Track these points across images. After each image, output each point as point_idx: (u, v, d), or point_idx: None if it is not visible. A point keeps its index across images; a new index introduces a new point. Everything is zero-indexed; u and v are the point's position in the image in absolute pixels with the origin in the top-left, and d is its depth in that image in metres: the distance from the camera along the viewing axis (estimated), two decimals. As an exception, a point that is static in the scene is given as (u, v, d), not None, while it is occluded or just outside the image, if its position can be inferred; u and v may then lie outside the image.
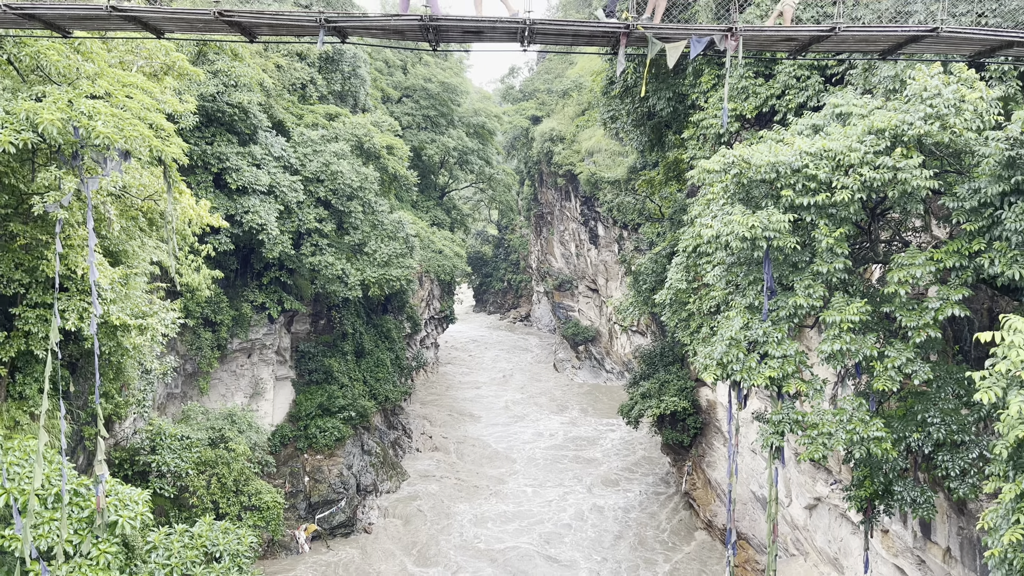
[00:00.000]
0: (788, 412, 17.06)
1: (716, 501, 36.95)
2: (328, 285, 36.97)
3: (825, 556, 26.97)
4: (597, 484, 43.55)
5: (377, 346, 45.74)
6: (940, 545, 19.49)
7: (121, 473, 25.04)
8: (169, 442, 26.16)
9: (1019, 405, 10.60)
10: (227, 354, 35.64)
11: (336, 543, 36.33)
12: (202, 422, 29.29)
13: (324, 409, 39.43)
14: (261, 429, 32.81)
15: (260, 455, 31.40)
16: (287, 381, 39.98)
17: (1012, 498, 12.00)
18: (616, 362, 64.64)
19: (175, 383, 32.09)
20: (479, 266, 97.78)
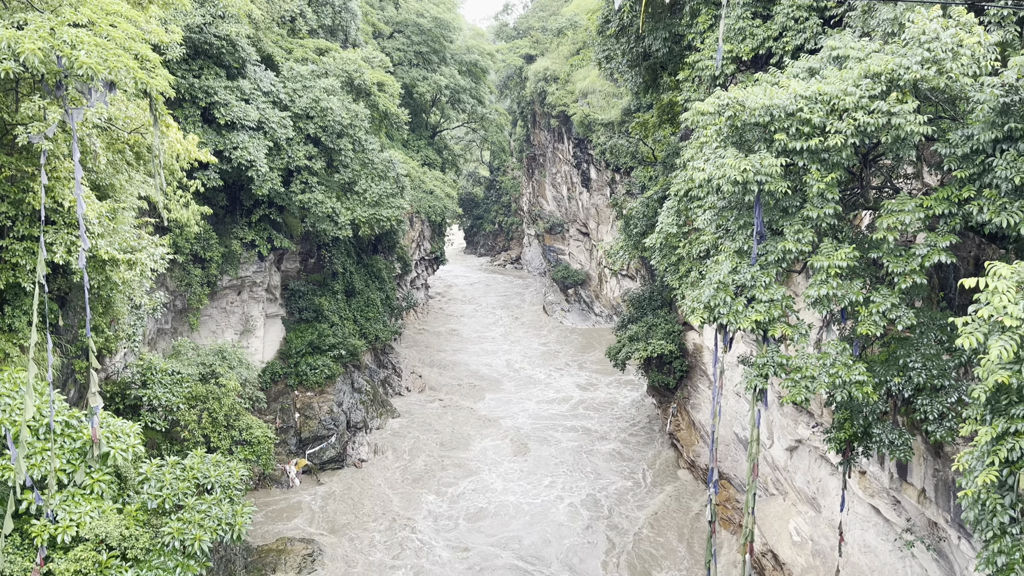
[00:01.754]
0: (773, 356, 17.29)
1: (699, 442, 37.67)
2: (318, 224, 36.80)
3: (803, 496, 27.66)
4: (581, 426, 44.24)
5: (367, 286, 45.80)
6: (915, 486, 20.01)
7: (112, 407, 25.25)
8: (160, 377, 26.33)
9: (999, 350, 10.78)
10: (217, 291, 35.63)
11: (326, 477, 36.96)
12: (192, 358, 29.45)
13: (314, 347, 39.66)
14: (251, 366, 33.03)
15: (251, 391, 31.68)
16: (277, 319, 40.10)
17: (988, 441, 12.29)
18: (605, 305, 65.01)
19: (165, 319, 32.15)
20: (470, 208, 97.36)
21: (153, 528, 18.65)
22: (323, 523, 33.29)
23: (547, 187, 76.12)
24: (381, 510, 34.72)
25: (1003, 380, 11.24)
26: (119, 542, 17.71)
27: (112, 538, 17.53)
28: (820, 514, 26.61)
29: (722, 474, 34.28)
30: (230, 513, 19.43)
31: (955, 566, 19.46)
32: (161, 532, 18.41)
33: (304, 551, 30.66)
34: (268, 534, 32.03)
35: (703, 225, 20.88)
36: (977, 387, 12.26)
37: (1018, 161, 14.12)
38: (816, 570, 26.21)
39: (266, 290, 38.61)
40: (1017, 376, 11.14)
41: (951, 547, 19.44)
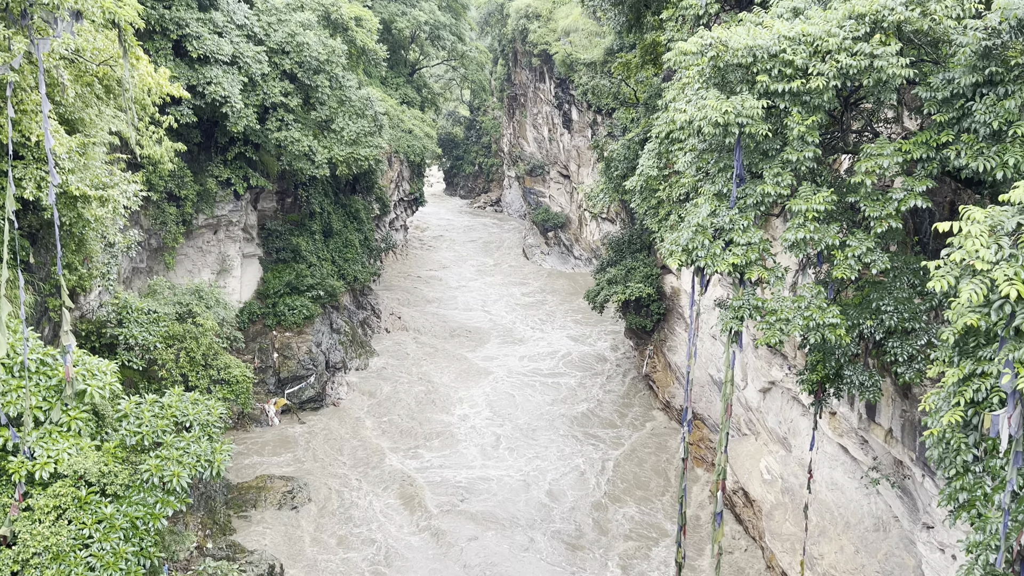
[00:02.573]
0: (749, 298, 17.46)
1: (675, 383, 38.26)
2: (295, 162, 36.26)
3: (775, 436, 28.31)
4: (561, 367, 44.71)
5: (345, 226, 45.44)
6: (883, 426, 20.52)
7: (88, 345, 25.10)
8: (136, 316, 26.14)
9: (969, 293, 10.94)
10: (193, 230, 35.21)
11: (306, 417, 37.22)
12: (169, 297, 29.22)
13: (292, 287, 39.50)
14: (229, 305, 32.85)
15: (228, 331, 31.59)
16: (254, 259, 39.79)
17: (954, 382, 12.56)
18: (585, 249, 65.08)
19: (140, 258, 31.78)
20: (450, 148, 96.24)
21: (132, 465, 18.75)
22: (303, 461, 33.65)
23: (528, 128, 75.33)
24: (360, 449, 35.11)
25: (972, 323, 11.44)
26: (98, 478, 17.80)
27: (91, 474, 17.61)
28: (790, 453, 27.28)
29: (696, 414, 34.92)
30: (209, 450, 19.56)
31: (918, 503, 20.11)
32: (140, 469, 18.51)
33: (284, 488, 31.05)
34: (248, 472, 32.36)
35: (683, 168, 20.83)
36: (946, 330, 12.49)
37: (997, 106, 14.13)
38: (785, 507, 27.00)
39: (243, 229, 38.20)
40: (986, 319, 11.33)
41: (915, 485, 20.05)
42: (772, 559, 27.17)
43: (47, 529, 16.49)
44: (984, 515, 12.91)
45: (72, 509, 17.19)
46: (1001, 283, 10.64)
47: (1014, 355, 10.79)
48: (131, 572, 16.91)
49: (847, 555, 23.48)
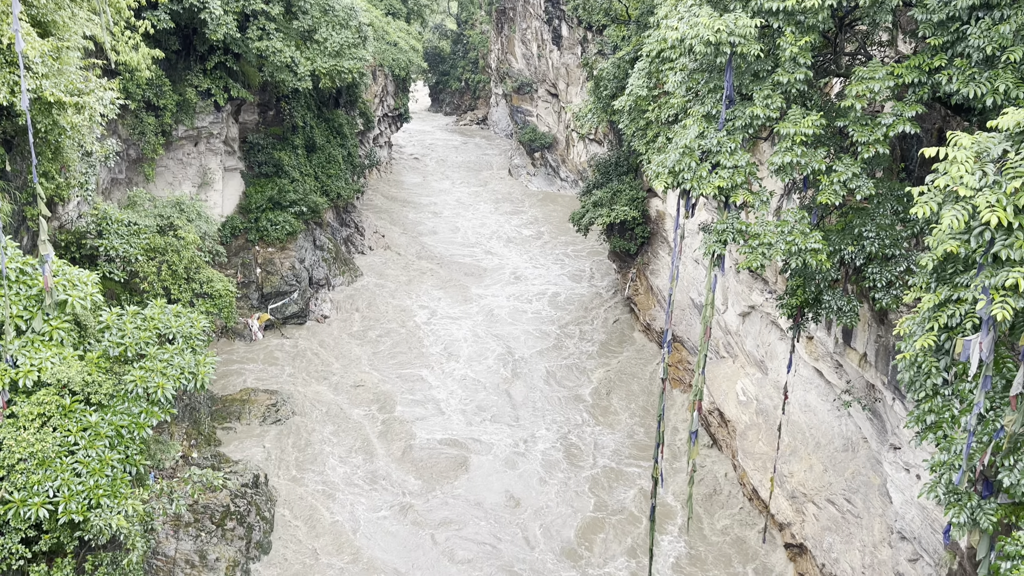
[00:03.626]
0: (733, 222, 17.50)
1: (656, 306, 38.65)
2: (276, 73, 35.36)
3: (752, 359, 28.83)
4: (543, 287, 44.93)
5: (329, 141, 44.70)
6: (858, 351, 20.94)
7: (68, 256, 24.89)
8: (116, 227, 25.85)
9: (951, 219, 11.02)
10: (172, 141, 34.51)
11: (289, 332, 37.41)
12: (149, 209, 28.86)
13: (275, 203, 39.08)
14: (211, 219, 32.53)
15: (210, 244, 31.36)
16: (236, 172, 39.20)
17: (930, 307, 12.77)
18: (571, 170, 64.57)
19: (119, 168, 31.22)
20: (436, 63, 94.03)
21: (116, 376, 18.87)
22: (286, 376, 33.98)
23: (516, 43, 73.58)
24: (343, 365, 35.47)
25: (951, 249, 11.56)
26: (82, 388, 17.92)
27: (75, 383, 17.72)
28: (767, 376, 27.85)
29: (676, 337, 35.42)
30: (192, 363, 19.68)
31: (887, 425, 20.71)
32: (124, 380, 18.64)
33: (268, 401, 31.44)
34: (232, 385, 32.68)
35: (673, 88, 20.50)
36: (926, 256, 12.62)
37: (992, 30, 13.94)
38: (759, 427, 27.73)
39: (224, 142, 37.50)
40: (965, 246, 11.45)
41: (885, 407, 20.60)
42: (744, 476, 28.06)
43: (32, 436, 16.67)
44: (950, 436, 13.33)
45: (57, 417, 17.35)
46: (983, 209, 10.70)
47: (990, 281, 10.95)
48: (117, 479, 17.21)
49: (816, 474, 24.28)
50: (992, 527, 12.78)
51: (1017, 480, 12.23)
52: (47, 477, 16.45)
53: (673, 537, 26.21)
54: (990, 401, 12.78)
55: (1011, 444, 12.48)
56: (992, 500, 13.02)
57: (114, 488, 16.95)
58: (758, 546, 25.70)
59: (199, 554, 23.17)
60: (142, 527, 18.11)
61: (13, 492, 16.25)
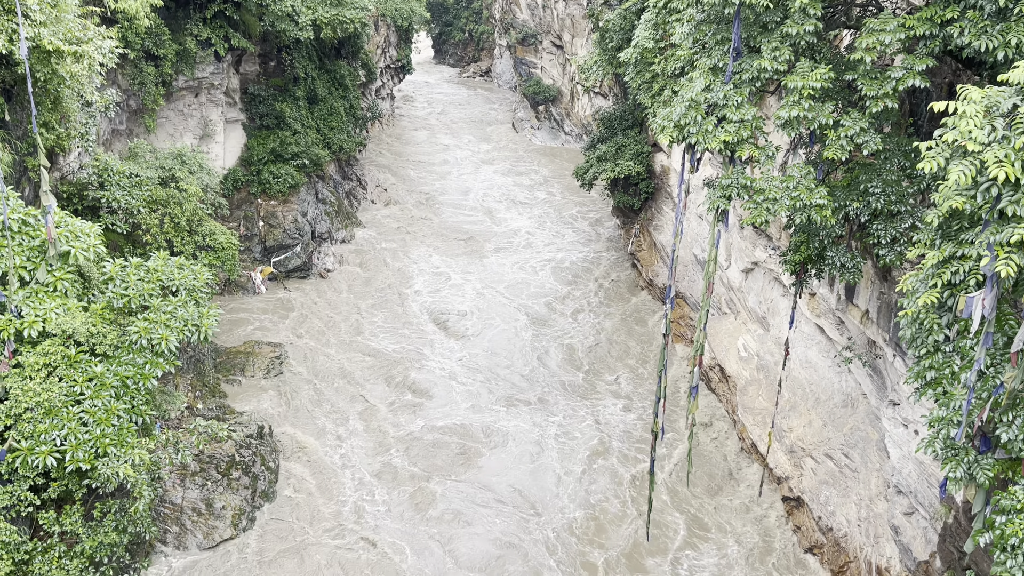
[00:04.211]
0: (738, 177, 17.37)
1: (659, 262, 38.61)
2: (277, 23, 34.82)
3: (754, 315, 28.88)
4: (546, 242, 44.85)
5: (330, 93, 44.22)
6: (860, 307, 20.95)
7: (71, 207, 24.83)
8: (118, 179, 25.73)
9: (958, 174, 10.91)
10: (173, 92, 34.16)
11: (292, 285, 37.49)
12: (151, 161, 28.69)
13: (277, 155, 38.82)
14: (213, 171, 32.36)
15: (213, 197, 31.25)
16: (237, 124, 38.87)
17: (934, 264, 12.73)
18: (575, 124, 63.94)
19: (119, 119, 30.96)
20: (439, 13, 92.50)
21: (120, 327, 18.99)
22: (289, 329, 34.15)
23: (521, -5, 72.24)
24: (346, 318, 35.61)
25: (957, 205, 11.48)
26: (87, 338, 18.05)
27: (79, 334, 17.84)
28: (768, 332, 27.93)
29: (679, 293, 35.44)
30: (196, 315, 19.79)
31: (887, 381, 20.82)
32: (128, 331, 18.76)
33: (271, 354, 31.64)
34: (236, 337, 32.86)
35: (680, 40, 20.20)
36: (931, 212, 12.54)
37: (1007, -19, 13.63)
38: (759, 383, 27.90)
39: (224, 93, 37.11)
40: (971, 202, 11.37)
41: (886, 364, 20.69)
42: (743, 431, 28.32)
43: (38, 386, 16.84)
44: (949, 392, 13.41)
45: (62, 367, 17.51)
46: (991, 165, 10.60)
47: (996, 238, 10.89)
48: (123, 428, 17.43)
49: (815, 429, 24.49)
50: (989, 482, 12.92)
51: (1015, 436, 12.33)
52: (54, 426, 16.66)
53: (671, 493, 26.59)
54: (991, 358, 12.82)
55: (1010, 400, 12.55)
56: (989, 455, 13.14)
57: (120, 437, 17.18)
58: (755, 500, 26.06)
59: (205, 502, 23.56)
60: (149, 476, 18.40)
61: (21, 440, 16.48)
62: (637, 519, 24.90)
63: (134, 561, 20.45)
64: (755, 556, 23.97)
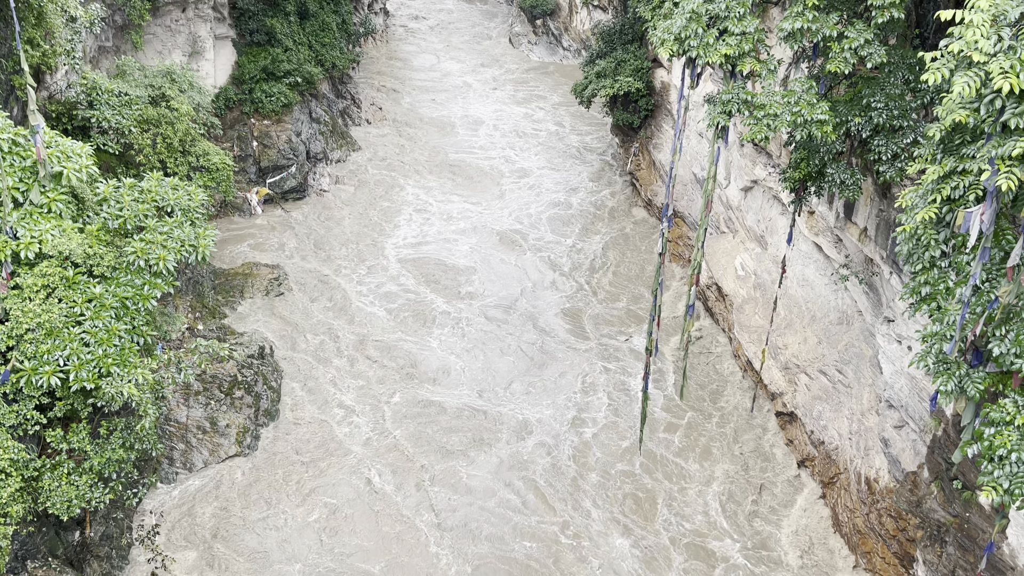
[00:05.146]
0: (738, 92, 17.07)
1: (658, 181, 38.30)
2: (265, -67, 33.53)
3: (752, 234, 28.83)
4: (543, 162, 44.37)
5: (322, 8, 42.94)
6: (858, 225, 20.90)
7: (60, 127, 24.41)
8: (107, 98, 25.22)
9: (962, 86, 10.72)
10: (159, 6, 33.15)
11: (289, 206, 37.27)
12: (140, 79, 28.06)
13: (268, 73, 37.99)
14: (204, 90, 31.68)
15: (205, 116, 30.71)
16: (227, 41, 37.88)
17: (934, 179, 12.65)
18: (574, 39, 62.38)
19: (105, 35, 30.14)
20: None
21: (117, 248, 18.93)
22: (287, 250, 34.11)
23: (518, -98, 69.40)
24: (343, 238, 35.53)
25: (961, 119, 11.32)
26: (84, 260, 18.02)
27: (76, 255, 17.80)
28: (766, 251, 27.94)
29: (677, 212, 35.30)
30: (192, 236, 19.71)
31: (882, 298, 20.95)
32: (125, 252, 18.72)
33: (270, 275, 31.70)
34: (234, 259, 32.86)
35: (681, -52, 19.48)
36: (933, 127, 12.37)
37: None
38: (755, 301, 28.08)
39: (213, 8, 36.03)
40: (974, 115, 11.20)
41: (882, 281, 20.77)
42: (738, 349, 28.65)
43: (38, 307, 16.90)
44: (944, 308, 13.51)
45: (61, 288, 17.54)
46: (996, 76, 10.40)
47: (997, 151, 10.78)
48: (125, 348, 17.59)
49: (810, 346, 24.78)
50: (979, 395, 13.15)
51: (1007, 349, 12.48)
52: (56, 347, 16.80)
53: (664, 407, 27.08)
54: (986, 273, 12.86)
55: (1004, 315, 12.65)
56: (981, 369, 13.34)
57: (123, 357, 17.35)
58: (748, 415, 26.56)
59: (210, 421, 24.01)
60: (153, 395, 18.67)
61: (24, 361, 16.64)
62: (629, 432, 25.44)
63: (142, 477, 20.96)
64: (747, 468, 24.59)
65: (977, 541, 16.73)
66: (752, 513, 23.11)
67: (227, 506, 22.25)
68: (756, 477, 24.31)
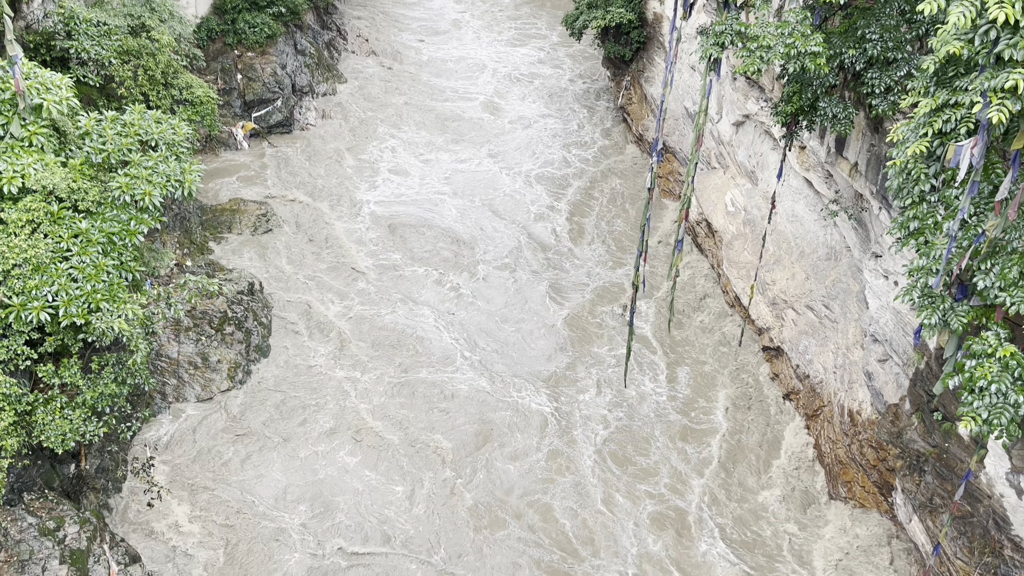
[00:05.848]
0: (731, 23, 16.77)
1: (649, 116, 37.90)
2: None
3: (743, 169, 28.71)
4: (532, 93, 43.74)
5: (306, -66, 41.55)
6: (849, 160, 20.82)
7: (39, 58, 23.79)
8: (85, 27, 24.54)
9: (958, 16, 10.56)
10: (136, -68, 32.00)
11: (275, 141, 36.75)
12: (118, 8, 27.23)
13: (251, 2, 36.98)
14: (185, 20, 30.81)
15: (187, 48, 29.97)
16: (208, -31, 36.78)
17: (926, 112, 12.57)
18: (565, -31, 60.81)
19: (81, -37, 29.16)
20: None
21: (101, 183, 18.71)
22: (275, 185, 33.77)
23: None
24: (332, 174, 35.17)
25: (955, 51, 11.19)
26: (68, 195, 17.82)
27: (60, 190, 17.60)
28: (756, 187, 27.87)
29: (668, 147, 35.05)
30: (178, 170, 19.48)
31: (871, 234, 21.02)
32: (110, 187, 18.51)
33: (257, 211, 31.44)
34: (221, 195, 32.52)
35: None
36: (927, 59, 12.24)
37: None
38: (745, 237, 28.13)
39: (192, -66, 34.86)
40: (968, 46, 11.07)
41: (871, 217, 20.82)
42: (727, 285, 28.83)
43: (24, 242, 16.77)
44: (931, 242, 13.58)
45: (46, 224, 17.39)
46: (991, 6, 10.24)
47: (990, 84, 10.69)
48: (114, 284, 17.54)
49: (797, 281, 24.96)
50: (962, 328, 13.33)
51: (991, 283, 12.61)
52: (44, 282, 16.74)
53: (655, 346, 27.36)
54: (974, 207, 12.91)
55: (990, 248, 12.74)
56: (965, 303, 13.50)
57: (112, 293, 17.31)
58: (735, 349, 26.90)
59: (201, 356, 24.13)
60: (143, 330, 18.70)
61: (12, 296, 16.58)
62: (615, 364, 25.76)
63: (136, 411, 21.15)
64: (731, 400, 25.03)
65: (955, 470, 17.19)
66: (738, 444, 23.64)
67: (220, 440, 22.54)
68: (739, 410, 24.76)
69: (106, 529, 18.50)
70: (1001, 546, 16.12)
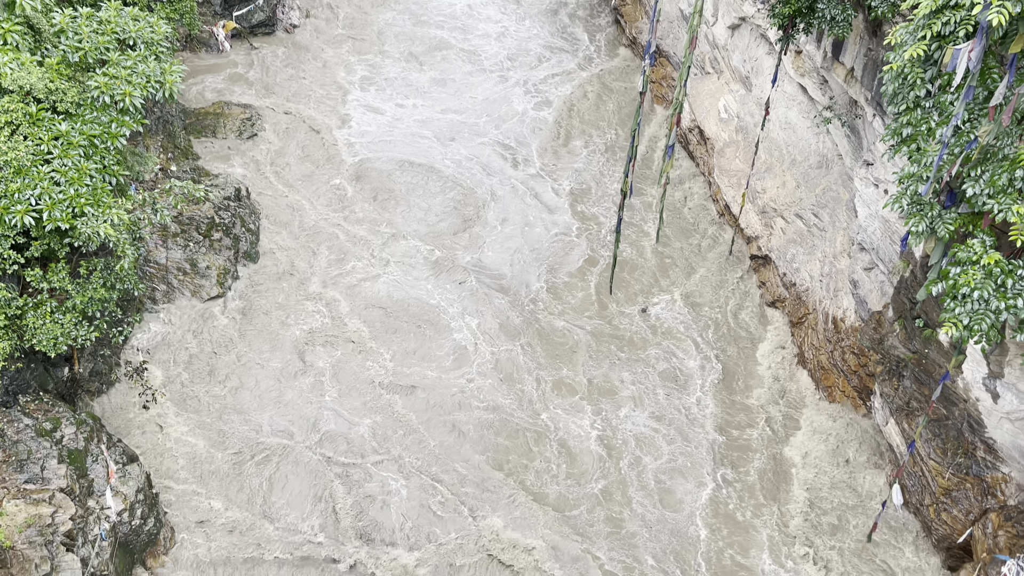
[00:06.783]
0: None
1: (643, 18, 36.86)
2: None
3: (738, 74, 28.16)
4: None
5: None
6: (846, 65, 20.44)
7: (7, -49, 22.76)
8: (54, -82, 23.40)
9: (965, -89, 10.19)
10: None
11: (258, 42, 35.64)
12: None
13: None
14: (159, -89, 29.41)
15: (162, -59, 28.68)
16: None
17: (925, 14, 12.28)
18: None
19: None
20: None
21: (79, 83, 18.23)
22: (259, 88, 32.94)
23: None
24: (316, 77, 34.30)
25: (959, -52, 10.84)
26: (46, 95, 17.39)
27: (38, 90, 17.16)
28: (750, 93, 27.41)
29: (661, 51, 34.26)
30: (158, 71, 18.99)
31: (864, 141, 20.85)
32: (89, 87, 18.04)
33: (242, 115, 30.77)
34: (204, 98, 31.74)
35: None
36: (931, -44, 11.87)
37: None
38: (737, 144, 27.85)
39: None
40: (974, -57, 10.73)
41: (865, 124, 20.60)
42: (717, 193, 28.73)
43: (4, 144, 16.45)
44: (923, 149, 13.51)
45: (25, 125, 17.02)
46: (1001, -100, 9.87)
47: (993, -16, 10.42)
48: (97, 188, 17.33)
49: (788, 190, 24.89)
50: (948, 235, 13.42)
51: (980, 190, 12.62)
52: (26, 185, 16.52)
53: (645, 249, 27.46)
54: (969, 112, 12.78)
55: (981, 155, 12.69)
56: (953, 210, 13.53)
57: (96, 197, 17.13)
58: (724, 257, 27.04)
59: (190, 262, 24.07)
60: (130, 235, 18.59)
61: (-5, 199, 16.39)
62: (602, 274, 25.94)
63: (126, 316, 21.25)
64: (719, 305, 25.35)
65: (933, 375, 17.62)
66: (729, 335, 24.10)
67: (210, 345, 22.76)
68: (727, 316, 25.10)
69: (103, 430, 18.86)
70: (974, 447, 16.70)
